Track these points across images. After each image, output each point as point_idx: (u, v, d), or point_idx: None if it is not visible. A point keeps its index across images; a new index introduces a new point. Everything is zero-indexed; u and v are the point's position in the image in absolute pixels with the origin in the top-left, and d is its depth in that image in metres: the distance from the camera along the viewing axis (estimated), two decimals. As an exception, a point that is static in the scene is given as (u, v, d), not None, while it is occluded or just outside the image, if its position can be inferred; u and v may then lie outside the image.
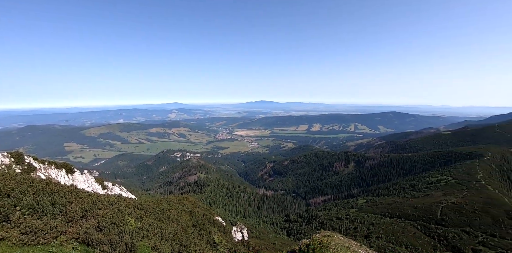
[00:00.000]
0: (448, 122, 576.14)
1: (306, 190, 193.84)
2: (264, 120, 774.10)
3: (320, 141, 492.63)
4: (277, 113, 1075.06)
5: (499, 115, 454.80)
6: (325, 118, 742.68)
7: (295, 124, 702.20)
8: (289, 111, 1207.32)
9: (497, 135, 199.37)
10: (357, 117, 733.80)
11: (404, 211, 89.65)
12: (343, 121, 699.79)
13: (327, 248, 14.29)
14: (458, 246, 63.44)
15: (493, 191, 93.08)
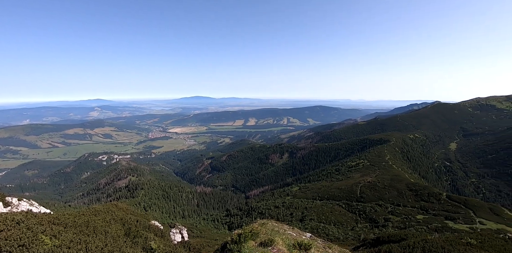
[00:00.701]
0: (364, 114, 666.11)
1: (245, 183, 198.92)
2: (200, 117, 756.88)
3: (256, 135, 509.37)
4: (213, 109, 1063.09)
5: (400, 108, 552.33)
6: (260, 113, 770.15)
7: (232, 119, 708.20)
8: (225, 107, 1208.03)
9: (399, 123, 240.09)
10: (289, 112, 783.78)
11: (332, 193, 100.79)
12: (276, 115, 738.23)
13: (258, 235, 15.04)
14: (374, 217, 74.93)
15: (397, 169, 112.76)
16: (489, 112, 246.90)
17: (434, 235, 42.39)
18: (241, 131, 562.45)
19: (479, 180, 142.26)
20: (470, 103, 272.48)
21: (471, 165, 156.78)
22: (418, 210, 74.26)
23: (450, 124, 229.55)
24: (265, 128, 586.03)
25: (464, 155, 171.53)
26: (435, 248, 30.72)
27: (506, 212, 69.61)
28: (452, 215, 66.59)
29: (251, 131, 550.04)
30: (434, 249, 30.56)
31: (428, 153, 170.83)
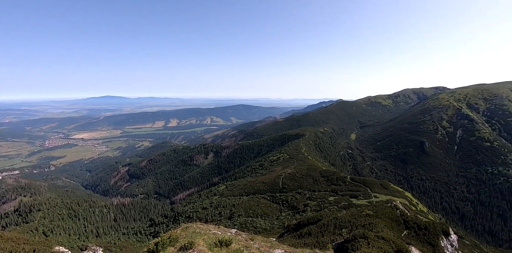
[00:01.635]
0: (282, 111, 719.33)
1: (169, 188, 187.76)
2: (113, 119, 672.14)
3: (178, 136, 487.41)
4: (128, 110, 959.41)
5: (312, 105, 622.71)
6: (182, 113, 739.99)
7: (151, 121, 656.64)
8: (142, 107, 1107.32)
9: (312, 119, 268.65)
10: (212, 111, 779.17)
11: (257, 188, 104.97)
12: (200, 115, 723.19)
13: (177, 240, 14.05)
14: (295, 204, 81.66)
15: (312, 159, 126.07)
16: (377, 108, 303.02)
17: (342, 212, 49.14)
18: (162, 132, 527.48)
19: (372, 162, 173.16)
20: (364, 101, 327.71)
21: (366, 151, 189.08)
22: (330, 193, 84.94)
23: (350, 118, 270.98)
24: (188, 129, 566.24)
25: (361, 143, 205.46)
26: (344, 222, 35.45)
27: (392, 186, 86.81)
28: (355, 193, 78.85)
29: (173, 132, 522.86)
30: (343, 223, 35.22)
31: (335, 144, 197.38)
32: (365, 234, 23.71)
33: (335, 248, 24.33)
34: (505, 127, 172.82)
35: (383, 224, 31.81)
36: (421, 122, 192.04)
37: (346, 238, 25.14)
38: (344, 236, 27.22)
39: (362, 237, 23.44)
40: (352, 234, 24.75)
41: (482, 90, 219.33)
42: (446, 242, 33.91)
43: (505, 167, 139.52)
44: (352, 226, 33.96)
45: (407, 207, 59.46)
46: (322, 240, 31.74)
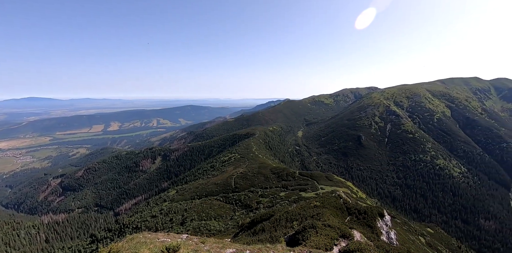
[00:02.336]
0: (232, 111, 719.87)
1: (112, 199, 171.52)
2: (39, 124, 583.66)
3: (121, 141, 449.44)
4: (59, 114, 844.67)
5: (261, 105, 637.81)
6: (125, 115, 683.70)
7: (87, 125, 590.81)
8: (76, 110, 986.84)
9: (261, 118, 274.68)
10: (158, 112, 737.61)
11: (209, 190, 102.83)
12: (144, 117, 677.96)
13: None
14: (248, 203, 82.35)
15: (263, 158, 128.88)
16: (321, 107, 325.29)
17: (293, 206, 51.34)
18: (101, 138, 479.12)
19: (318, 157, 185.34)
20: (309, 100, 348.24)
21: (312, 147, 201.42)
22: (281, 188, 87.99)
23: (297, 116, 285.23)
24: (132, 132, 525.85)
25: (307, 139, 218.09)
26: (294, 215, 36.98)
27: (335, 177, 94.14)
28: (304, 187, 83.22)
29: (115, 137, 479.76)
30: (293, 216, 36.72)
31: (284, 141, 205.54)
32: (313, 224, 25.06)
33: (287, 240, 25.13)
34: (423, 121, 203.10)
35: (329, 213, 34.17)
36: (358, 119, 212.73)
37: (296, 229, 26.23)
38: (295, 228, 28.39)
39: (311, 227, 24.72)
40: (302, 225, 25.94)
41: (405, 90, 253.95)
42: (382, 222, 38.04)
43: (424, 154, 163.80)
44: (302, 218, 35.70)
45: (349, 196, 65.09)
46: (275, 235, 32.56)
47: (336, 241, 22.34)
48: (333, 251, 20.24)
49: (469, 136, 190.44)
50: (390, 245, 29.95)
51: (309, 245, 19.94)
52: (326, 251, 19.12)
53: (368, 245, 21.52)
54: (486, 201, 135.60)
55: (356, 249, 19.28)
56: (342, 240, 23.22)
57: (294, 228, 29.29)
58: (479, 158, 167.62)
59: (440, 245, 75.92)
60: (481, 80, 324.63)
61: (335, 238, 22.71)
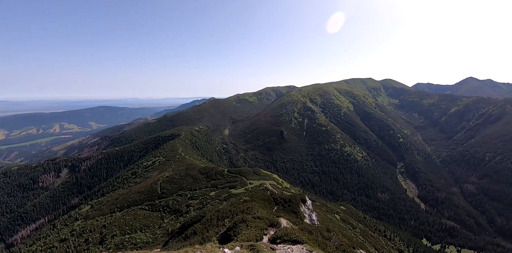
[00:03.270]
0: (153, 112, 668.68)
1: (3, 227, 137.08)
2: None
3: (10, 153, 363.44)
4: None
5: (186, 104, 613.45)
6: (14, 120, 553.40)
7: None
8: None
9: (186, 118, 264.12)
10: (61, 116, 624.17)
11: (132, 199, 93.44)
12: (43, 122, 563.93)
13: None
14: (177, 207, 78.51)
15: (190, 159, 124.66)
16: (245, 105, 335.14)
17: (223, 204, 51.60)
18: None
19: (245, 153, 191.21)
20: (234, 98, 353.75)
21: (239, 144, 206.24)
22: (211, 188, 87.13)
23: (223, 115, 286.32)
24: (25, 141, 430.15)
25: (234, 137, 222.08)
26: (225, 213, 37.22)
27: (262, 171, 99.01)
28: (233, 184, 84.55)
29: (1, 149, 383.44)
30: (224, 214, 36.92)
31: (211, 140, 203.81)
32: (243, 218, 25.78)
33: (219, 238, 25.09)
34: (333, 115, 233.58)
35: (258, 206, 35.76)
36: (279, 115, 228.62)
37: (228, 226, 26.49)
38: (226, 226, 28.66)
39: (241, 222, 25.35)
40: (233, 221, 26.35)
41: (318, 88, 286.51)
42: (305, 207, 42.06)
43: (335, 144, 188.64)
44: (233, 214, 36.26)
45: (275, 187, 69.51)
46: (207, 235, 32.10)
47: (265, 231, 23.55)
48: (263, 240, 21.24)
49: (367, 126, 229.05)
50: (312, 226, 33.36)
51: (241, 239, 20.43)
52: (256, 241, 19.91)
53: (293, 229, 23.50)
54: (381, 178, 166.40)
55: (283, 234, 20.82)
56: (271, 229, 24.65)
57: (226, 226, 29.55)
58: (375, 143, 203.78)
59: (351, 219, 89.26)
60: (374, 81, 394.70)
61: (265, 228, 23.95)
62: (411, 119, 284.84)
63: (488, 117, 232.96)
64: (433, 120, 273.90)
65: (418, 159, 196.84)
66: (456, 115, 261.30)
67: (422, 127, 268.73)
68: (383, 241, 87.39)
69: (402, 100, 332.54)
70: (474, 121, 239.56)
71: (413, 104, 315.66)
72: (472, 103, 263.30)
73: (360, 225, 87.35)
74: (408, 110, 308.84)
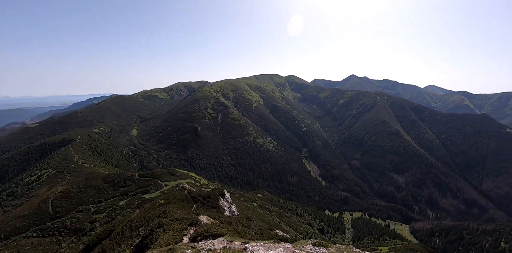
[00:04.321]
0: (34, 113, 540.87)
1: None
2: None
3: None
4: None
5: (80, 102, 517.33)
6: None
7: None
8: None
9: (81, 119, 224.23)
10: None
11: (11, 227, 74.01)
12: None
13: None
14: (79, 226, 67.09)
15: (90, 167, 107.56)
16: (155, 101, 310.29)
17: (136, 212, 47.18)
18: None
19: (158, 154, 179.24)
20: (141, 95, 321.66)
21: (150, 144, 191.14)
22: (120, 197, 77.96)
23: (129, 113, 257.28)
24: None
25: (144, 137, 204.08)
26: (139, 221, 34.29)
27: (178, 171, 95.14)
28: (146, 189, 78.18)
29: None
30: (138, 223, 33.99)
31: (116, 143, 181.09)
32: (160, 223, 24.44)
33: (134, 250, 23.10)
34: (245, 109, 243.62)
35: (176, 207, 34.44)
36: (193, 111, 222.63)
37: (143, 235, 24.62)
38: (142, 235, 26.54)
39: (158, 227, 23.97)
40: (148, 228, 24.62)
41: (230, 84, 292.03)
42: (224, 201, 43.08)
43: (248, 136, 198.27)
44: (148, 221, 33.75)
45: (193, 185, 68.25)
46: (120, 250, 28.95)
47: (185, 231, 23.07)
48: (184, 241, 20.85)
49: (276, 118, 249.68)
50: (232, 217, 34.61)
51: (159, 244, 19.45)
52: (176, 244, 19.36)
53: (213, 224, 23.88)
54: (290, 163, 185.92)
55: (203, 231, 20.92)
56: (191, 228, 24.29)
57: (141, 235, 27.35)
58: (283, 133, 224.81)
59: (268, 204, 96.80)
60: (280, 77, 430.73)
61: (184, 229, 23.43)
62: (311, 111, 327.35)
63: (365, 106, 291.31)
64: (327, 110, 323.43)
65: (318, 144, 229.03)
66: (343, 105, 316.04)
67: (320, 116, 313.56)
68: (295, 218, 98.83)
69: (303, 94, 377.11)
70: (356, 110, 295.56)
71: (312, 97, 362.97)
72: (355, 96, 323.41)
73: (275, 208, 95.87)
74: (308, 103, 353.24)
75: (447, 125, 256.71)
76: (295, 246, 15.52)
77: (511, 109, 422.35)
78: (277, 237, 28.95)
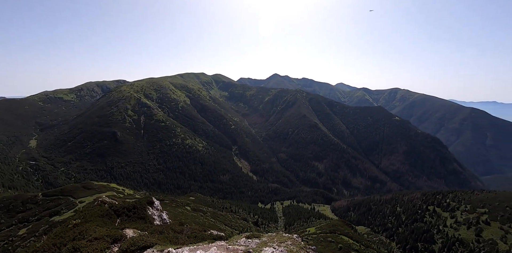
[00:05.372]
0: None
1: None
2: None
3: None
4: None
5: None
6: None
7: None
8: None
9: None
10: None
11: None
12: None
13: None
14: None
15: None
16: (59, 104, 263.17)
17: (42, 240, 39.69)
18: None
19: (67, 166, 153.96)
20: (40, 97, 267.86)
21: (56, 156, 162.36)
22: (18, 225, 63.72)
23: (24, 121, 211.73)
24: None
25: (47, 148, 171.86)
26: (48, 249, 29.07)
27: (95, 184, 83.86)
28: (55, 210, 66.12)
29: None
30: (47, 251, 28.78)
31: (7, 158, 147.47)
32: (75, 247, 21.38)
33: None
34: (171, 109, 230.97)
35: (95, 225, 30.56)
36: (109, 114, 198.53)
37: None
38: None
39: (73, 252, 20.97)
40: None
41: (152, 83, 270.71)
42: (152, 210, 40.35)
43: (176, 138, 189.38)
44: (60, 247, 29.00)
45: (115, 197, 61.34)
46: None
47: (107, 250, 20.85)
48: (106, 261, 18.88)
49: (204, 118, 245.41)
50: (163, 226, 32.88)
51: (76, 272, 17.08)
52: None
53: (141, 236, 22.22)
54: (221, 162, 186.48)
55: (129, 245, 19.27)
56: (114, 245, 22.02)
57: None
58: (212, 133, 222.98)
59: (201, 206, 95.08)
60: (206, 75, 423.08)
61: (106, 247, 21.08)
62: (238, 109, 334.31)
63: (288, 103, 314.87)
64: (254, 108, 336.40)
65: (247, 141, 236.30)
66: (269, 103, 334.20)
67: (247, 114, 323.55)
68: (231, 216, 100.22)
69: (230, 93, 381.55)
70: (280, 106, 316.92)
71: (239, 96, 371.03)
72: (278, 93, 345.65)
73: (210, 209, 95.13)
74: (235, 101, 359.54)
75: (354, 116, 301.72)
76: (229, 243, 16.01)
77: (398, 101, 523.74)
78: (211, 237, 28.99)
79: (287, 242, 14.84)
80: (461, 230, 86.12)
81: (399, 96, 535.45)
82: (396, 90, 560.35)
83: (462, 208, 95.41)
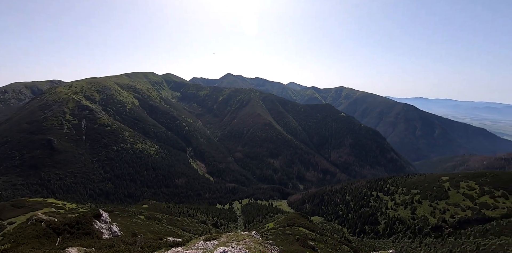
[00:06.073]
0: None
1: None
2: None
3: None
4: None
5: None
6: None
7: None
8: None
9: None
10: None
11: None
12: None
13: None
14: None
15: None
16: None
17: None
18: None
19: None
20: None
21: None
22: None
23: None
24: None
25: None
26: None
27: (28, 200, 73.67)
28: (-23, 234, 56.42)
29: None
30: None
31: None
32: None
33: None
34: (117, 112, 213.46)
35: (30, 248, 27.17)
36: (43, 120, 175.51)
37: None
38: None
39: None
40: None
41: (94, 83, 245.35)
42: (100, 223, 37.32)
43: (124, 143, 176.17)
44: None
45: (54, 214, 54.88)
46: None
47: (47, 274, 18.94)
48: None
49: (155, 120, 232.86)
50: (113, 239, 30.80)
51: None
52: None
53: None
54: (176, 165, 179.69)
55: (73, 267, 17.78)
56: (55, 268, 20.06)
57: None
58: (164, 135, 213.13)
59: (156, 213, 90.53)
60: (156, 75, 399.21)
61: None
62: (192, 109, 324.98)
63: (242, 102, 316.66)
64: (208, 108, 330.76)
65: (202, 142, 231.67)
66: (223, 102, 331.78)
67: (201, 114, 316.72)
68: (188, 220, 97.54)
69: (183, 93, 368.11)
70: (235, 106, 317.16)
71: (192, 96, 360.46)
72: (232, 93, 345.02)
73: (166, 216, 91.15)
74: (188, 101, 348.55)
75: (305, 114, 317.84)
76: (186, 248, 15.90)
77: (343, 99, 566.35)
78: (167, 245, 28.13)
79: (245, 240, 15.37)
80: (400, 210, 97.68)
81: (344, 94, 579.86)
82: (342, 89, 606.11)
83: (400, 191, 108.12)
